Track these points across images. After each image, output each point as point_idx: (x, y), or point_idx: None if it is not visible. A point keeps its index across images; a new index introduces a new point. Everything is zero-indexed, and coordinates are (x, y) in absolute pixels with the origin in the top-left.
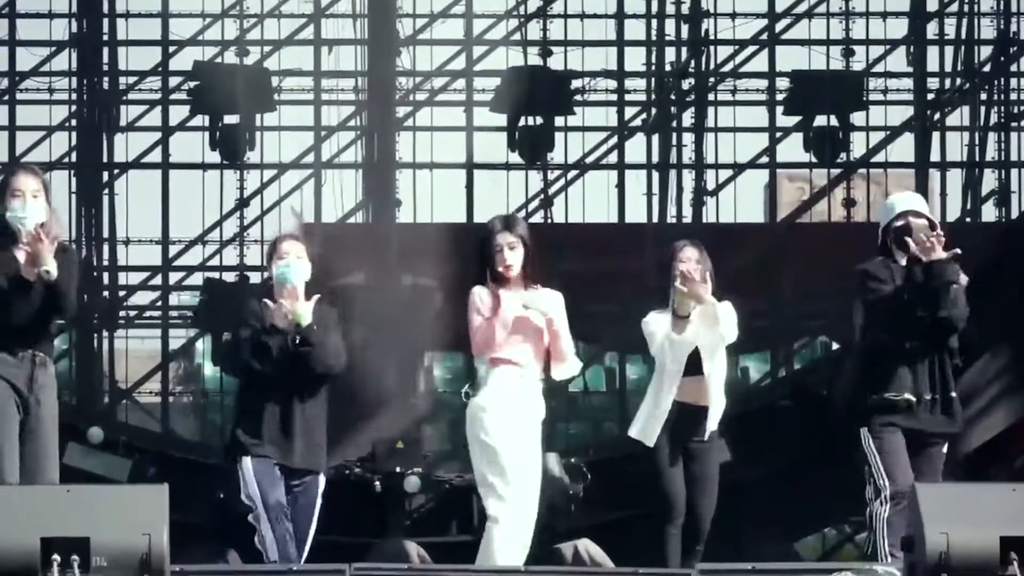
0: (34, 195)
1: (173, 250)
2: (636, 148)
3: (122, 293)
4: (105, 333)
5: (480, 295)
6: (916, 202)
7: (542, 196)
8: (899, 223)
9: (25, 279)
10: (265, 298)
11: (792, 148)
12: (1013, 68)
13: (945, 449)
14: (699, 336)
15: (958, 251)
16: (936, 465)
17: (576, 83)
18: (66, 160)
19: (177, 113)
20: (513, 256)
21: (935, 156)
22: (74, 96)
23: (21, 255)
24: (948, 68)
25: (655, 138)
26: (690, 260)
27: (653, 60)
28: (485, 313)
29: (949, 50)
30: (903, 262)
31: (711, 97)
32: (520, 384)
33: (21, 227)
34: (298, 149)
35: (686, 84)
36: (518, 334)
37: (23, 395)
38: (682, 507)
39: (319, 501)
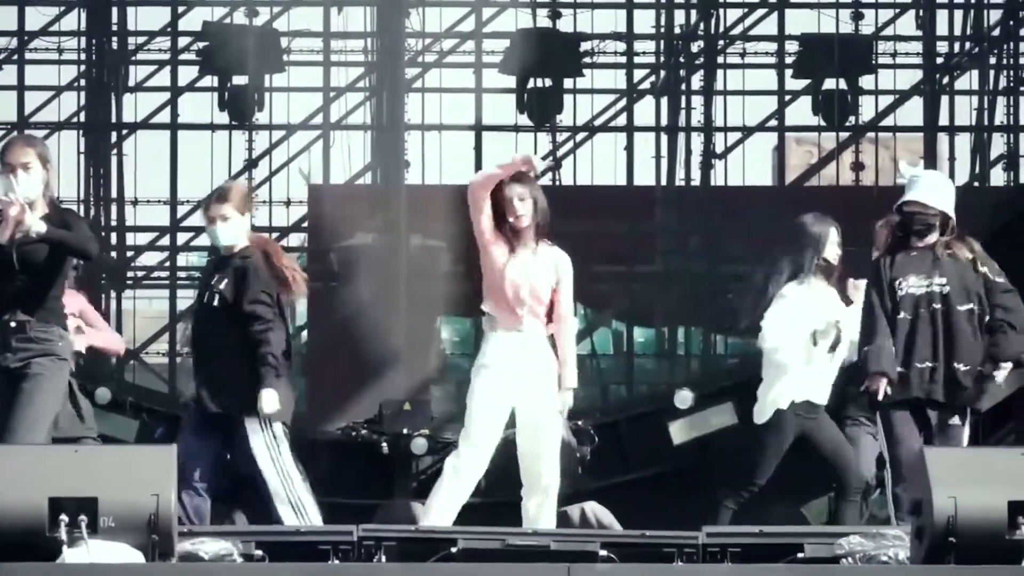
0: (25, 168)
1: (181, 211)
2: (645, 111)
3: (130, 254)
4: (113, 293)
5: (496, 247)
6: (930, 192)
7: (551, 158)
8: (908, 209)
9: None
10: None
11: (801, 111)
12: (1022, 32)
13: (958, 420)
14: None
15: None
16: (948, 437)
17: (585, 45)
18: (75, 120)
19: (186, 74)
20: (524, 207)
21: (944, 120)
22: (83, 56)
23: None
24: (957, 32)
25: (664, 101)
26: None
27: (662, 22)
28: (497, 266)
29: (958, 14)
30: (913, 241)
31: (720, 60)
32: (520, 343)
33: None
34: (307, 110)
35: (695, 47)
36: (524, 291)
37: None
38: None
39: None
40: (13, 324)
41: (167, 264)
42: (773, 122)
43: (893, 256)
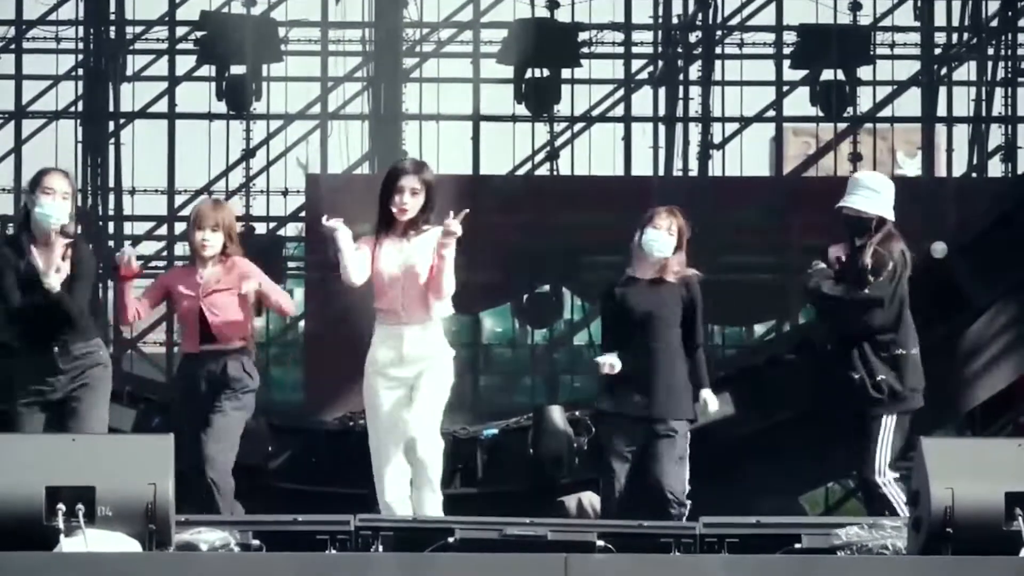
0: (64, 197)
1: (179, 200)
2: (643, 101)
3: (127, 243)
4: (110, 283)
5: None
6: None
7: (548, 148)
8: (845, 212)
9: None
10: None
11: (799, 102)
12: (1020, 23)
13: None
14: None
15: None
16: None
17: (583, 35)
18: (72, 109)
19: (184, 63)
20: (413, 202)
21: (942, 111)
22: (81, 45)
23: (39, 259)
24: (955, 23)
25: (662, 91)
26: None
27: (660, 13)
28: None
29: (956, 4)
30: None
31: (718, 50)
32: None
33: (46, 224)
34: (304, 100)
35: (693, 37)
36: (397, 284)
37: (44, 392)
38: None
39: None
40: (56, 348)
41: (164, 253)
42: (771, 113)
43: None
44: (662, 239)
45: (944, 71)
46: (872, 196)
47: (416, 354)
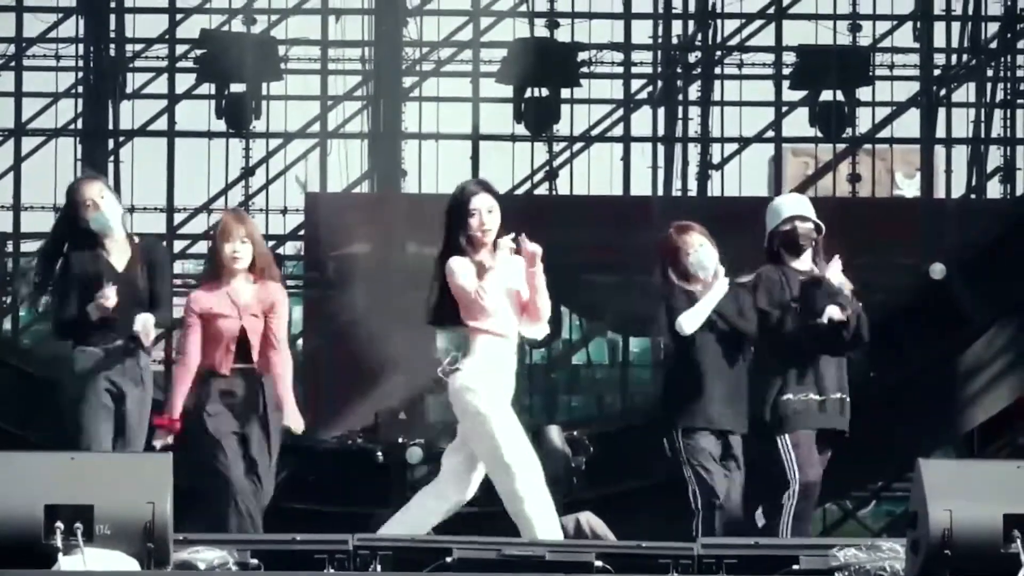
0: (100, 197)
1: (178, 218)
2: (642, 121)
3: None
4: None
5: (459, 265)
6: (802, 206)
7: (547, 168)
8: (786, 227)
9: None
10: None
11: (798, 123)
12: (1020, 45)
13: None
14: None
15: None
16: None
17: (583, 55)
18: (72, 127)
19: (183, 81)
20: (492, 220)
21: (941, 132)
22: (80, 63)
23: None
24: (955, 44)
25: (661, 111)
26: None
27: (660, 33)
28: (470, 282)
29: (956, 26)
30: (794, 265)
31: (717, 70)
32: (507, 354)
33: (108, 231)
34: (304, 118)
35: (692, 57)
36: (502, 303)
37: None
38: None
39: None
40: (124, 344)
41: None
42: (770, 133)
43: (782, 284)
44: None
45: (943, 92)
46: (808, 207)
47: (511, 376)
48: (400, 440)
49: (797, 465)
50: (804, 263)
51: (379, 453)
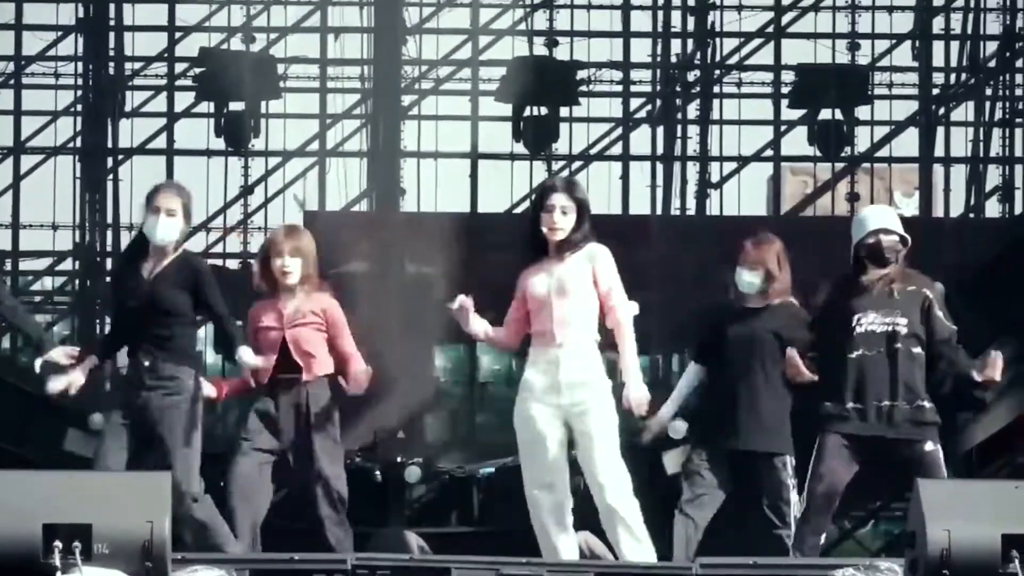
0: (169, 213)
1: None
2: (641, 139)
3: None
4: (107, 319)
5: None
6: (887, 218)
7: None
8: (870, 240)
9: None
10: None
11: (796, 141)
12: (1018, 64)
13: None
14: None
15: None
16: (928, 465)
17: (581, 74)
18: (71, 145)
19: (182, 99)
20: (564, 221)
21: (939, 151)
22: (79, 81)
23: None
24: (953, 63)
25: (660, 130)
26: None
27: (659, 52)
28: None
29: (955, 45)
30: (872, 276)
31: (716, 89)
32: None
33: (155, 240)
34: (303, 137)
35: (691, 76)
36: (547, 307)
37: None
38: None
39: None
40: (147, 363)
41: None
42: (769, 152)
43: (846, 291)
44: (744, 275)
45: (942, 111)
46: (894, 218)
47: (572, 380)
48: (399, 459)
49: (810, 471)
50: (890, 272)
51: (377, 472)
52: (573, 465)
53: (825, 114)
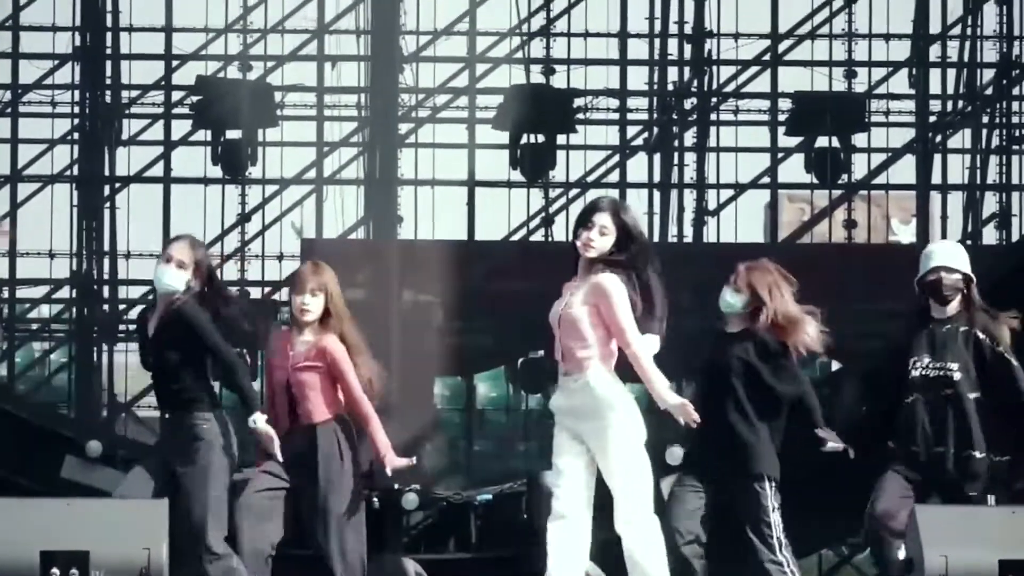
0: (179, 266)
1: None
2: (638, 167)
3: (122, 307)
4: (105, 347)
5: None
6: (950, 256)
7: (543, 214)
8: (932, 277)
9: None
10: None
11: (793, 169)
12: (1015, 91)
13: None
14: None
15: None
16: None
17: (578, 101)
18: (68, 173)
19: (179, 127)
20: (601, 241)
21: (936, 178)
22: (76, 109)
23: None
24: (950, 90)
25: (656, 157)
26: None
27: (656, 79)
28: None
29: (951, 72)
30: (936, 315)
31: (713, 117)
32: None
33: (162, 289)
34: (300, 165)
35: (688, 104)
36: (556, 330)
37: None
38: None
39: None
40: (167, 416)
41: None
42: (766, 179)
43: (909, 330)
44: (726, 295)
45: (939, 139)
46: (956, 256)
47: (583, 406)
48: (396, 486)
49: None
50: (950, 311)
51: (374, 499)
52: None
53: (822, 142)
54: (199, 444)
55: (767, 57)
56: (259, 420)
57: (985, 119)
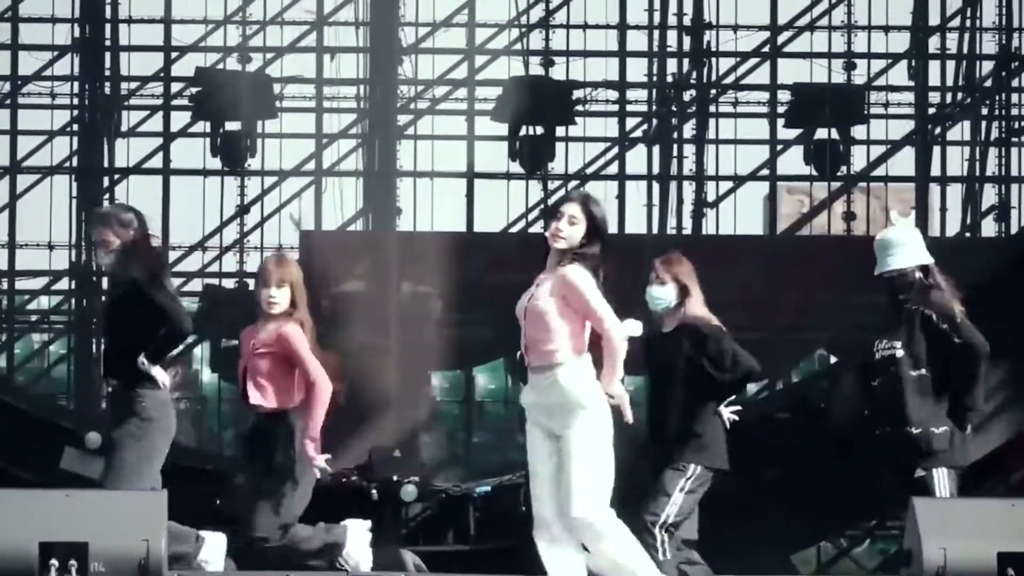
0: (106, 246)
1: (173, 256)
2: (637, 159)
3: None
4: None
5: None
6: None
7: (542, 206)
8: (886, 276)
9: None
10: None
11: (793, 161)
12: (1014, 83)
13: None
14: None
15: None
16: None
17: (577, 93)
18: (67, 165)
19: (179, 119)
20: (570, 231)
21: (935, 170)
22: (76, 101)
23: None
24: (949, 83)
25: (656, 149)
26: None
27: (654, 71)
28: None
29: (950, 65)
30: (900, 297)
31: (712, 109)
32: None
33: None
34: (299, 156)
35: (687, 96)
36: (521, 323)
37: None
38: None
39: None
40: (109, 389)
41: None
42: (765, 171)
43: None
44: (654, 291)
45: (938, 131)
46: (904, 249)
47: (550, 403)
48: (394, 478)
49: None
50: (911, 294)
51: (373, 491)
52: None
53: (821, 133)
54: (136, 420)
55: (766, 49)
56: (146, 361)
57: (984, 111)
